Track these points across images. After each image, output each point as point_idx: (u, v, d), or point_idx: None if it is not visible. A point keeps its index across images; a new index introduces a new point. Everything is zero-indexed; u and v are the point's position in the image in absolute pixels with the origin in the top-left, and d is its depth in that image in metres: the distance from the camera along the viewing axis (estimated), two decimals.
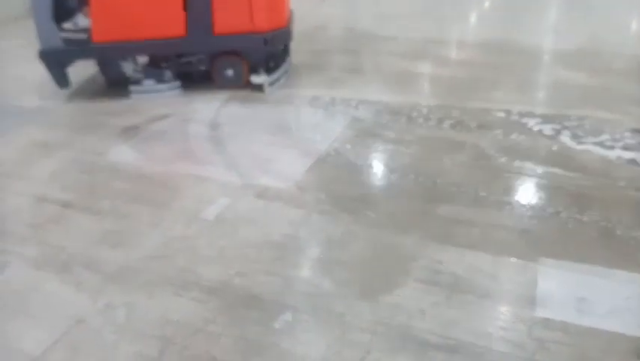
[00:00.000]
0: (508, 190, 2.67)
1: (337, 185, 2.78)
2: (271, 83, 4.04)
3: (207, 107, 3.83)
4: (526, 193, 2.66)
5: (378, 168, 3.02)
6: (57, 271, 2.26)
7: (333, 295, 2.05)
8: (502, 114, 3.47)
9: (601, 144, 3.04)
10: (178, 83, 4.09)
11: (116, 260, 2.29)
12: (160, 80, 4.05)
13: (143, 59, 4.00)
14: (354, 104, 3.73)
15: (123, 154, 3.27)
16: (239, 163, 3.07)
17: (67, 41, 3.83)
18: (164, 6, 3.76)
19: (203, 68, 4.08)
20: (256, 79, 3.97)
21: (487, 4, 7.01)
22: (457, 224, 2.42)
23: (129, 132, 3.51)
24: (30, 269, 2.29)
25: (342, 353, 1.80)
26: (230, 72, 4.03)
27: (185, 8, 3.75)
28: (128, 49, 3.90)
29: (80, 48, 3.88)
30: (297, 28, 4.41)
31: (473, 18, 6.47)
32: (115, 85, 4.15)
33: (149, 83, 4.05)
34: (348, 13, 6.76)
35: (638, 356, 1.73)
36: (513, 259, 2.18)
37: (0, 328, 2.01)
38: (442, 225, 2.42)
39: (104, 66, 4.14)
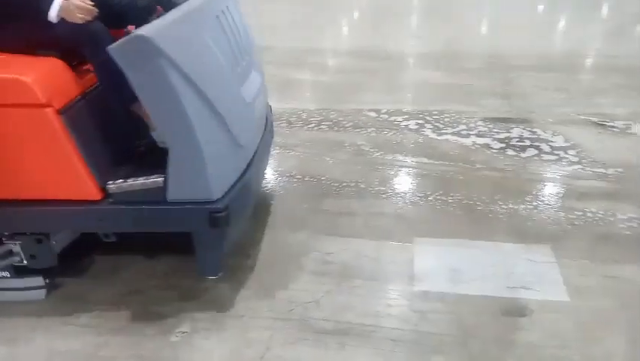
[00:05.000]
0: (384, 181, 2.80)
1: None
2: None
3: None
4: (399, 182, 2.81)
5: (267, 172, 3.02)
6: None
7: (232, 299, 2.01)
8: (373, 114, 3.65)
9: (458, 134, 3.31)
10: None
11: None
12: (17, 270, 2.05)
13: None
14: None
15: None
16: None
17: None
18: None
19: None
20: None
21: (356, 14, 7.34)
22: (342, 216, 2.49)
23: None
24: None
25: (242, 353, 1.77)
26: None
27: None
28: None
29: None
30: None
31: (345, 27, 6.73)
32: None
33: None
34: None
35: (503, 313, 1.91)
36: (392, 242, 2.30)
37: None
38: (329, 219, 2.48)
39: None
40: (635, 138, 3.23)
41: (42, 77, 1.70)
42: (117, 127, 1.96)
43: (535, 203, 2.55)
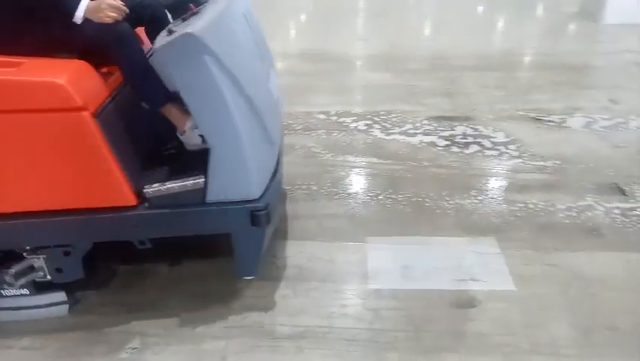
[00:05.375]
0: (336, 182, 2.82)
1: None
2: None
3: None
4: (350, 182, 2.84)
5: None
6: None
7: (183, 310, 1.97)
8: (323, 116, 3.67)
9: (406, 133, 3.38)
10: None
11: None
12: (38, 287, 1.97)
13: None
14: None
15: None
16: None
17: None
18: None
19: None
20: None
21: (303, 16, 7.37)
22: (296, 219, 2.50)
23: None
24: None
25: None
26: None
27: None
28: None
29: None
30: None
31: (293, 30, 6.74)
32: None
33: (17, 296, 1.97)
34: None
35: (453, 305, 1.96)
36: (346, 243, 2.31)
37: None
38: (285, 223, 2.47)
39: None
40: (570, 131, 3.41)
41: (75, 80, 1.61)
42: (145, 130, 1.89)
43: (480, 197, 2.64)
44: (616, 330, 1.84)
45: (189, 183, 1.73)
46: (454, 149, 3.16)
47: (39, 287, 1.93)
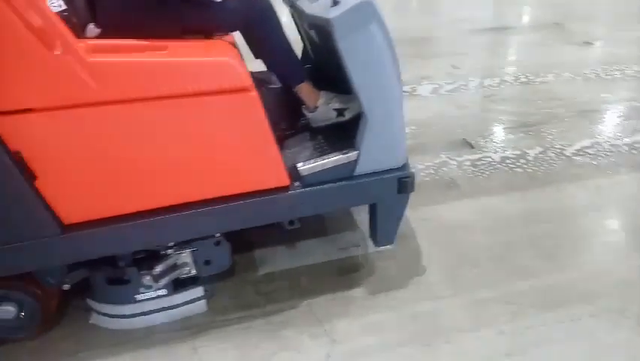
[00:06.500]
0: None
1: None
2: None
3: None
4: None
5: None
6: None
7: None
8: None
9: None
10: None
11: None
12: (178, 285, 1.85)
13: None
14: None
15: None
16: None
17: None
18: None
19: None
20: None
21: None
22: None
23: None
24: None
25: None
26: None
27: None
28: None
29: None
30: None
31: None
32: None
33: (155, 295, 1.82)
34: None
35: (339, 273, 2.06)
36: None
37: None
38: None
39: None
40: (421, 97, 3.71)
41: (238, 59, 1.54)
42: (282, 108, 1.85)
43: None
44: (479, 267, 2.07)
45: (342, 157, 1.72)
46: None
47: (176, 285, 1.82)
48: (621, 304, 1.86)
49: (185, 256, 1.76)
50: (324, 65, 2.08)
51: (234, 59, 1.52)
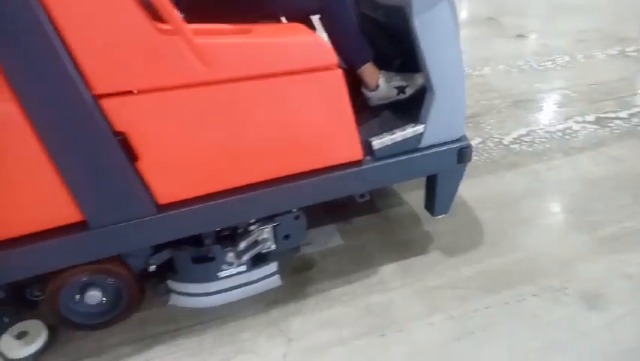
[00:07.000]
0: None
1: None
2: None
3: None
4: None
5: None
6: None
7: None
8: None
9: None
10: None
11: None
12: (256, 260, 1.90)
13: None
14: None
15: None
16: None
17: None
18: None
19: None
20: None
21: None
22: None
23: None
24: None
25: None
26: None
27: None
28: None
29: None
30: None
31: None
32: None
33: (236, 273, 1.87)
34: None
35: (293, 272, 2.06)
36: None
37: None
38: None
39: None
40: None
41: (322, 38, 1.62)
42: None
43: None
44: (427, 254, 2.13)
45: (410, 130, 1.80)
46: None
47: (254, 261, 1.88)
48: (561, 282, 1.96)
49: (268, 231, 1.81)
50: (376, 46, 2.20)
51: (320, 38, 1.60)
